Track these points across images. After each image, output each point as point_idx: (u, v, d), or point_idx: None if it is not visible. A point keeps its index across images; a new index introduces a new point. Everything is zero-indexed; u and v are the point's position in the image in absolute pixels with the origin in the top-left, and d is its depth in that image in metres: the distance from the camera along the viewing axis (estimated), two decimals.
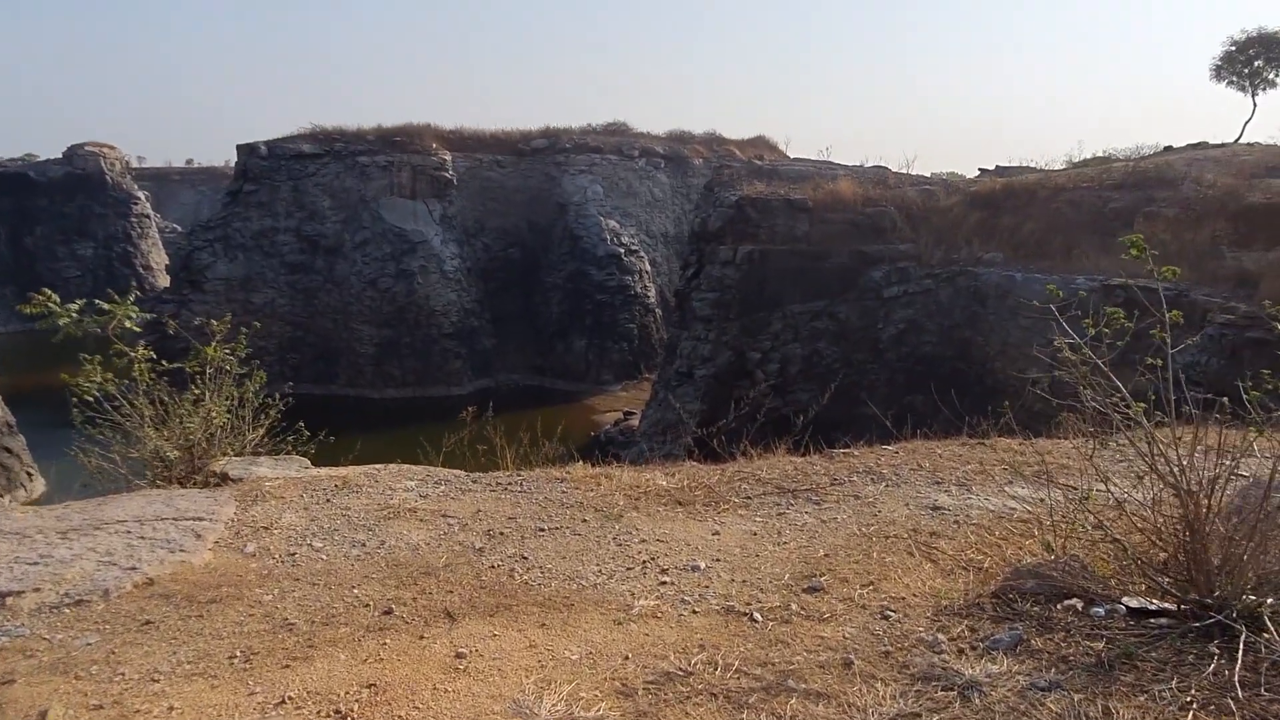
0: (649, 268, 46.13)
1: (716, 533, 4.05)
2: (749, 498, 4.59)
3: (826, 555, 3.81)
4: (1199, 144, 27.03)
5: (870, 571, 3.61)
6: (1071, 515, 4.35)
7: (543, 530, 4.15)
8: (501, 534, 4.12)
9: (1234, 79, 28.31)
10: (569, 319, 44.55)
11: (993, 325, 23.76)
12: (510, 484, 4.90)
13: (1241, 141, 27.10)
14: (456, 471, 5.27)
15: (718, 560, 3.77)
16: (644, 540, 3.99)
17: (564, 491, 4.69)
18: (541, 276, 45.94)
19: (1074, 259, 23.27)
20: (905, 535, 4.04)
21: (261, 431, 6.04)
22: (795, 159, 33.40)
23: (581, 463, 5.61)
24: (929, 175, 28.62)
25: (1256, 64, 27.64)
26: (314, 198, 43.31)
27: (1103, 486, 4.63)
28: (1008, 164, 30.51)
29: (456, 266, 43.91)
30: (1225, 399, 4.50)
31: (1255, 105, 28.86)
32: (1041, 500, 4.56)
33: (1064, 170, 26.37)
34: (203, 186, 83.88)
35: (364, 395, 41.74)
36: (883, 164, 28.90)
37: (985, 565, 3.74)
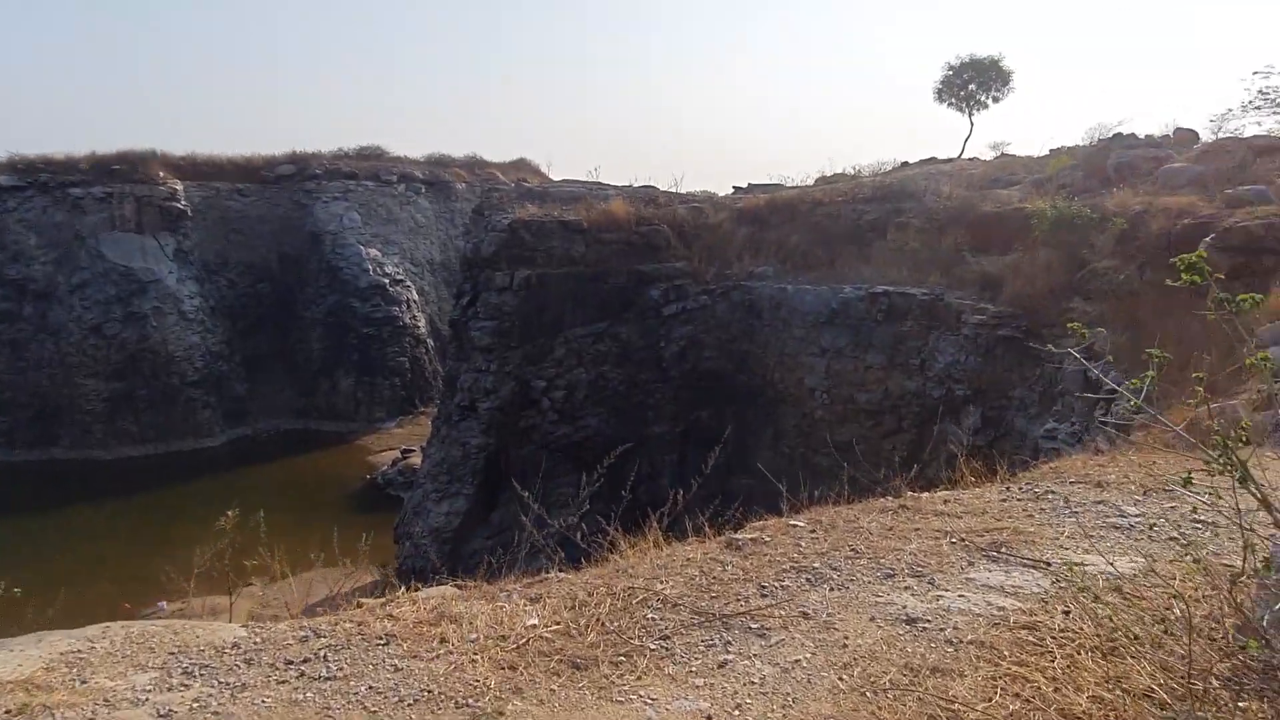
0: (417, 297, 43.37)
1: None
2: (666, 637, 3.18)
3: None
4: (930, 159, 28.80)
5: None
6: (1084, 611, 3.30)
7: None
8: None
9: (953, 100, 30.56)
10: (333, 356, 40.86)
11: (769, 336, 23.81)
12: (308, 655, 3.16)
13: (964, 157, 29.18)
14: (222, 632, 3.44)
15: None
16: None
17: (395, 666, 3.01)
18: (299, 312, 41.89)
19: (838, 269, 23.80)
20: (902, 677, 2.82)
21: None
22: (562, 180, 32.37)
23: (405, 594, 3.93)
24: (698, 192, 28.49)
25: (970, 87, 29.98)
26: (16, 236, 36.83)
27: (1100, 562, 3.64)
28: (761, 181, 31.12)
29: (198, 306, 38.99)
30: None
31: (973, 124, 31.34)
32: (1027, 592, 3.51)
33: (819, 186, 27.09)
34: None
35: (93, 458, 35.93)
36: (651, 183, 28.49)
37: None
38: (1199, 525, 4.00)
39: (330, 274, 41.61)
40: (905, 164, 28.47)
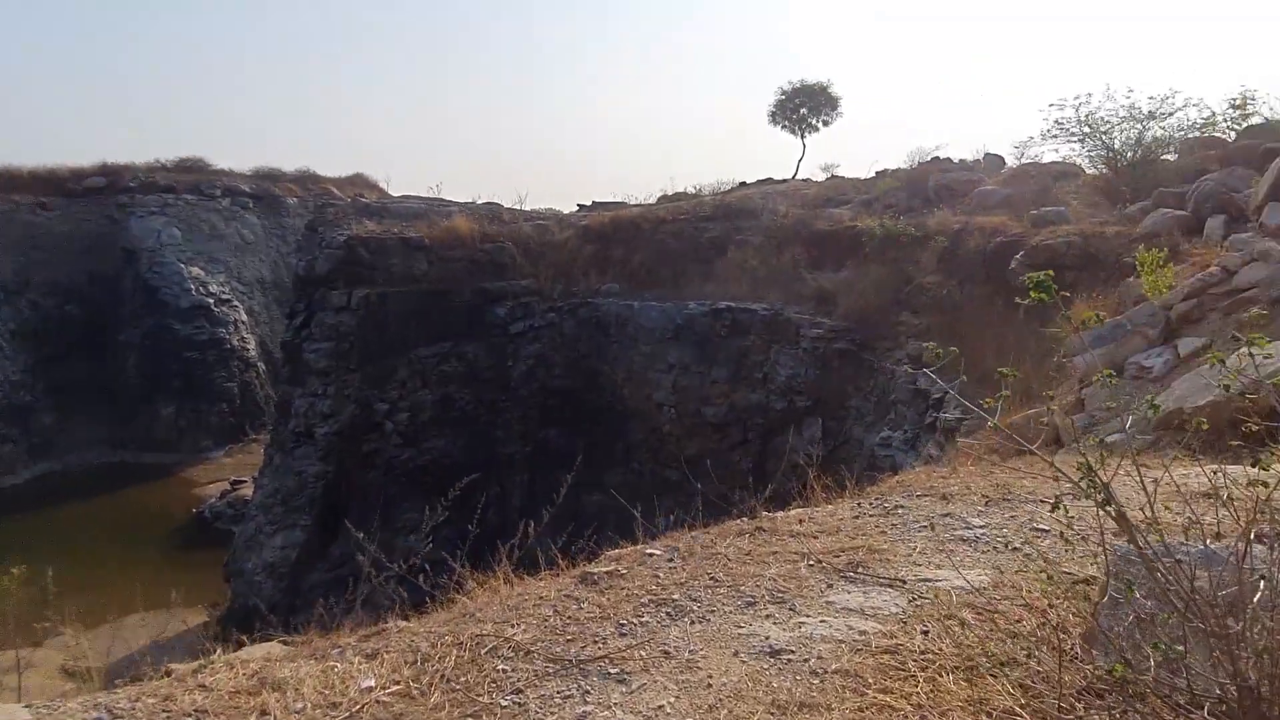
0: (246, 318, 40.81)
1: None
2: (519, 690, 2.90)
3: None
4: (766, 180, 29.76)
5: None
6: (943, 630, 3.28)
7: None
8: None
9: (786, 123, 31.78)
10: (152, 382, 37.75)
11: (616, 353, 23.83)
12: None
13: (798, 178, 30.34)
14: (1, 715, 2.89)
15: None
16: None
17: None
18: (113, 336, 38.51)
19: (682, 286, 24.14)
20: (770, 717, 2.68)
21: None
22: (402, 196, 31.34)
23: (221, 657, 3.47)
24: (543, 210, 28.24)
25: (802, 111, 31.27)
26: None
27: (953, 576, 3.65)
28: (605, 199, 31.26)
29: None
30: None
31: (805, 146, 32.69)
32: (886, 613, 3.47)
33: (662, 204, 27.44)
34: None
35: None
36: (495, 200, 28.00)
37: None
38: (1040, 534, 4.11)
39: (148, 294, 38.53)
40: (743, 183, 29.30)
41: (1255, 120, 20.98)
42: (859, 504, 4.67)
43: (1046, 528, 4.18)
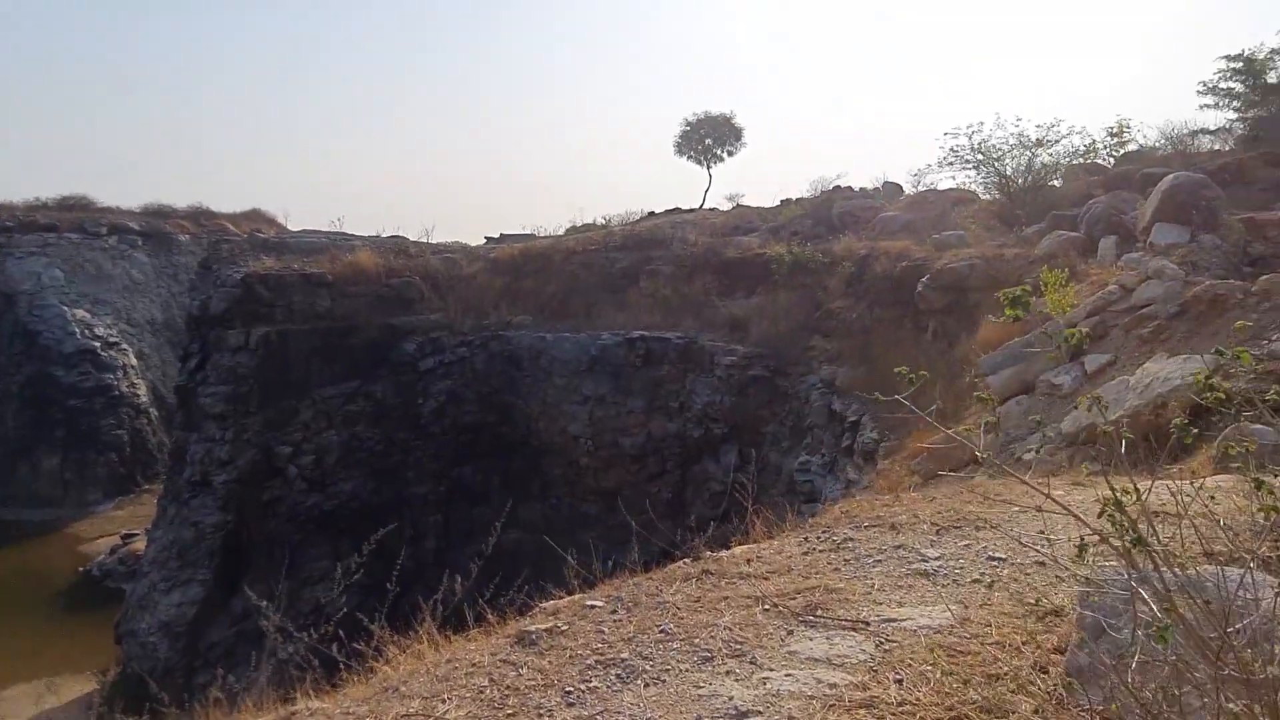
0: (136, 361, 38.56)
1: None
2: None
3: None
4: (674, 209, 29.87)
5: None
6: (917, 677, 3.01)
7: None
8: None
9: (692, 154, 32.04)
10: (33, 433, 35.19)
11: (530, 387, 23.32)
12: None
13: (706, 207, 30.56)
14: None
15: None
16: None
17: None
18: None
19: (594, 316, 23.86)
20: None
21: None
22: (301, 231, 30.22)
23: None
24: (450, 243, 27.60)
25: (707, 142, 31.58)
26: None
27: (916, 614, 3.40)
28: (513, 232, 30.88)
29: None
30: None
31: (711, 176, 32.99)
32: (854, 661, 3.19)
33: (571, 235, 27.18)
34: None
35: None
36: (401, 234, 27.23)
37: None
38: (996, 562, 3.92)
39: (27, 339, 36.08)
40: (652, 213, 29.33)
41: (1131, 147, 22.13)
42: (806, 538, 4.41)
43: (1003, 555, 4.00)
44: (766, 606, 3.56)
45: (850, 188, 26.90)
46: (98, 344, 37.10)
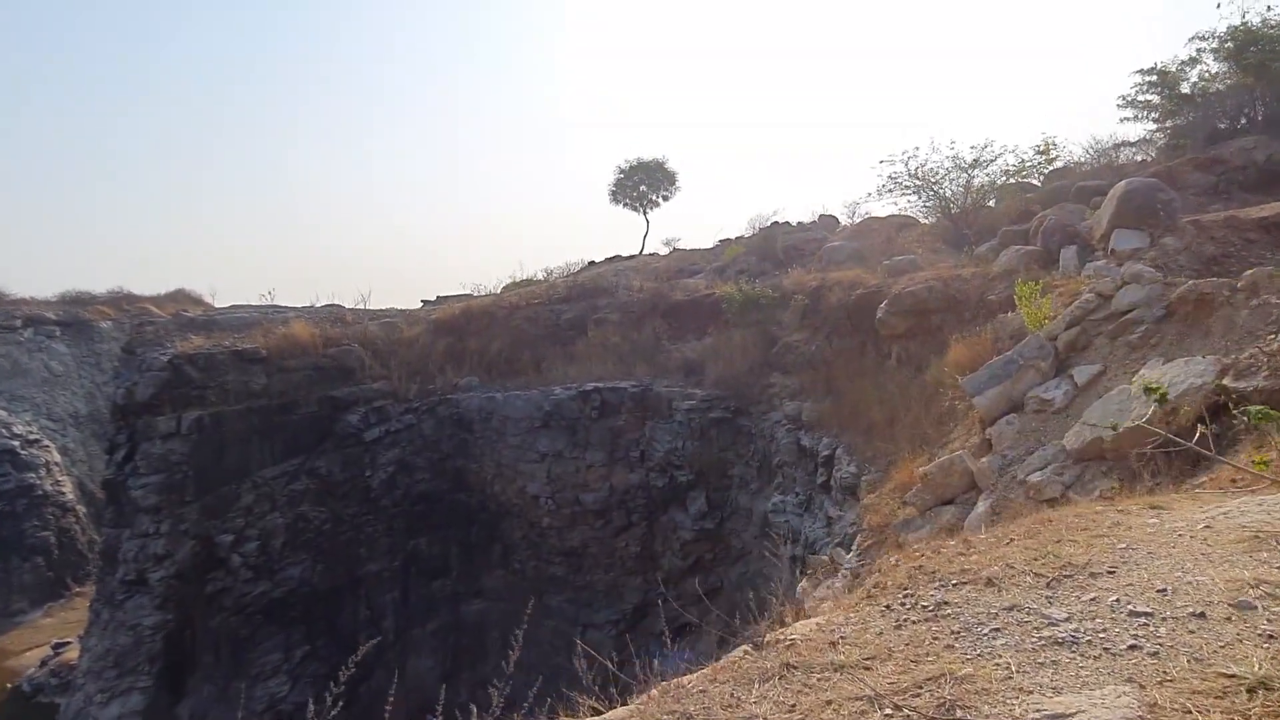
0: (59, 458, 36.08)
1: None
2: None
3: None
4: (614, 257, 29.26)
5: None
6: None
7: None
8: None
9: (628, 201, 31.58)
10: None
11: (483, 449, 22.18)
12: None
13: (645, 252, 30.02)
14: None
15: None
16: None
17: None
18: None
19: (545, 371, 22.93)
20: None
21: None
22: (230, 306, 28.69)
23: None
24: (388, 309, 26.42)
25: (642, 188, 31.19)
26: None
27: (1085, 704, 2.58)
28: (451, 293, 29.87)
29: None
30: None
31: (648, 221, 32.54)
32: None
33: (511, 291, 26.29)
34: None
35: None
36: (336, 302, 25.98)
37: None
38: (1140, 618, 3.11)
39: None
40: (593, 262, 28.67)
41: (1058, 164, 22.32)
42: (888, 606, 3.56)
43: (1146, 609, 3.20)
44: (888, 711, 2.69)
45: (788, 223, 26.66)
46: (17, 443, 34.65)
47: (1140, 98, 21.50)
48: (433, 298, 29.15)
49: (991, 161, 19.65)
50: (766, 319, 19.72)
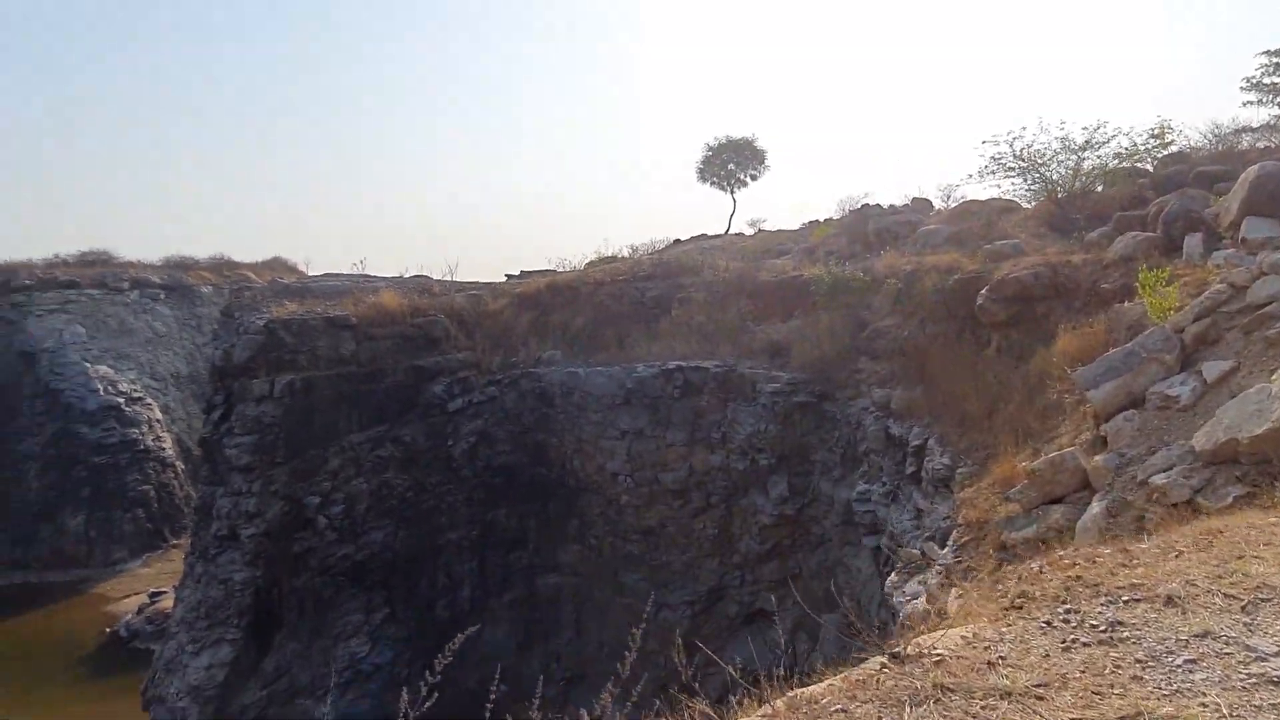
0: (161, 415, 37.60)
1: None
2: None
3: None
4: (700, 236, 28.77)
5: None
6: None
7: None
8: None
9: (715, 179, 30.97)
10: (57, 492, 34.16)
11: (564, 424, 22.07)
12: None
13: (731, 232, 29.44)
14: None
15: None
16: None
17: None
18: (11, 446, 34.91)
19: (627, 348, 22.65)
20: None
21: None
22: (323, 275, 29.23)
23: None
24: (472, 281, 26.52)
25: (730, 166, 30.53)
26: None
27: None
28: (535, 268, 29.80)
29: None
30: None
31: (735, 201, 31.88)
32: None
33: (597, 267, 26.07)
34: None
35: None
36: (424, 273, 26.20)
37: None
38: None
39: (49, 398, 35.20)
40: (678, 241, 28.22)
41: (1173, 149, 20.88)
42: (1048, 622, 3.11)
43: None
44: None
45: (879, 205, 25.73)
46: (121, 399, 36.20)
47: (1265, 80, 19.91)
48: (517, 272, 29.11)
49: (1104, 144, 18.47)
50: (856, 303, 19.03)
